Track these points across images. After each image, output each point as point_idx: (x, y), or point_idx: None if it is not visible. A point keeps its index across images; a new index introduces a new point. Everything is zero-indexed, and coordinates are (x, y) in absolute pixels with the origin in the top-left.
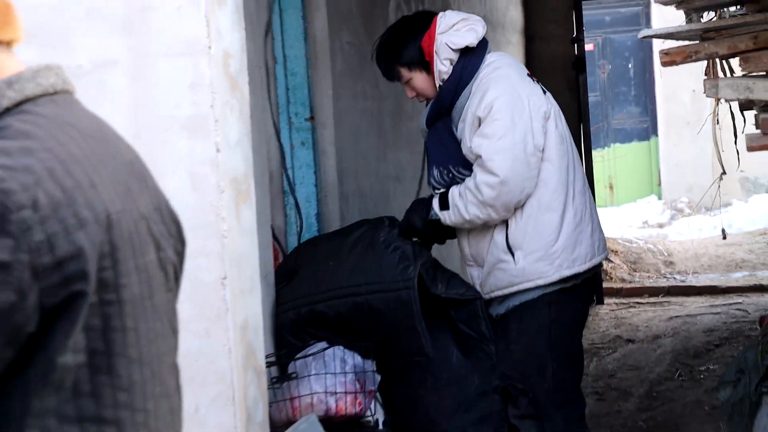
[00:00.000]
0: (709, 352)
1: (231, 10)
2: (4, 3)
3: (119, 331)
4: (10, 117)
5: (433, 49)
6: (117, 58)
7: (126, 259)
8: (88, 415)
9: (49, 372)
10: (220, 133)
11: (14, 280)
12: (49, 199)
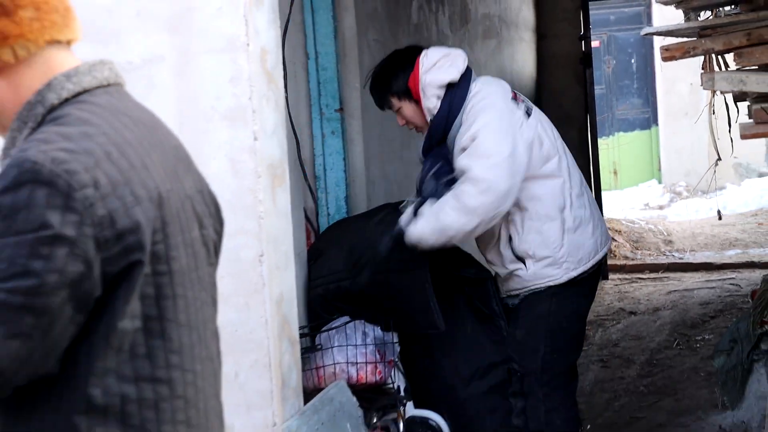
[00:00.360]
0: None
1: (267, 10)
2: (65, 7)
3: (170, 298)
4: (69, 106)
5: (419, 88)
6: (163, 54)
7: (175, 234)
8: (143, 375)
9: (111, 336)
10: (257, 123)
11: (81, 252)
12: (108, 178)
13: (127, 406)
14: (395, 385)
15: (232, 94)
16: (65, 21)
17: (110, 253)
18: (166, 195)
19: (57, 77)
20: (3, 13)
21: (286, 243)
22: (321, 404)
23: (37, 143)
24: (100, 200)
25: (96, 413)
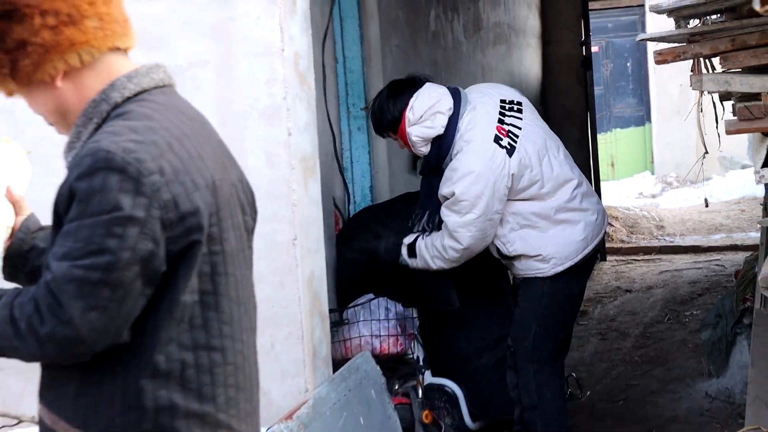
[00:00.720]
0: (692, 300)
1: (300, 18)
2: (124, 18)
3: (223, 275)
4: (131, 104)
5: (407, 141)
6: (207, 58)
7: (226, 218)
8: (200, 344)
9: (174, 308)
10: (291, 120)
11: (150, 231)
12: (171, 166)
13: (186, 371)
14: (415, 355)
15: (269, 95)
16: (124, 30)
17: (174, 233)
18: (219, 183)
19: (119, 78)
20: (71, 22)
21: (316, 228)
22: (348, 373)
23: (108, 135)
24: (165, 186)
25: (159, 378)
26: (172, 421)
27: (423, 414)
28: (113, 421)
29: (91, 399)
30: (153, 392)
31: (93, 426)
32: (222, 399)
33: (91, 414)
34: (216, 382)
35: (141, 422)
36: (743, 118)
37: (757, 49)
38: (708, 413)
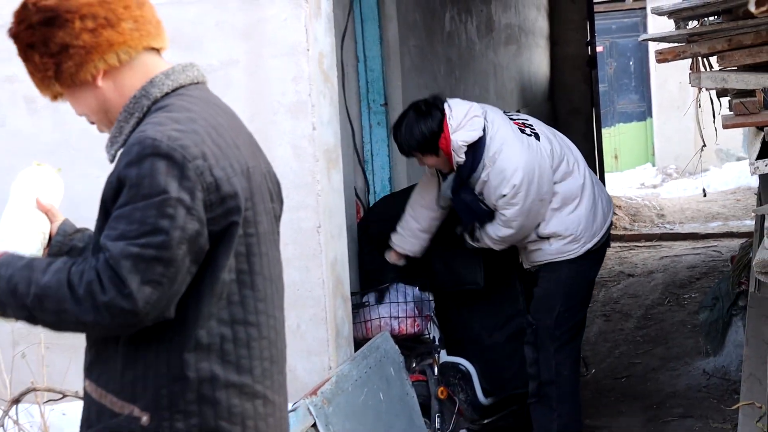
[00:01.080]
0: (691, 284)
1: (324, 20)
2: (157, 20)
3: (257, 256)
4: (170, 98)
5: (450, 149)
6: (238, 58)
7: (259, 202)
8: (238, 319)
9: (215, 286)
10: (315, 115)
11: (196, 212)
12: (212, 152)
13: (225, 344)
14: (431, 335)
15: (295, 91)
16: (157, 31)
17: (215, 214)
18: (252, 170)
19: (157, 76)
20: (108, 25)
21: (339, 216)
22: (369, 351)
23: (152, 125)
24: (208, 170)
25: (201, 351)
26: (214, 392)
27: (438, 390)
28: (159, 392)
29: (138, 373)
30: (195, 364)
31: (141, 398)
32: (258, 371)
33: (138, 386)
34: (253, 356)
35: (185, 392)
36: (739, 113)
37: (752, 48)
38: (705, 389)
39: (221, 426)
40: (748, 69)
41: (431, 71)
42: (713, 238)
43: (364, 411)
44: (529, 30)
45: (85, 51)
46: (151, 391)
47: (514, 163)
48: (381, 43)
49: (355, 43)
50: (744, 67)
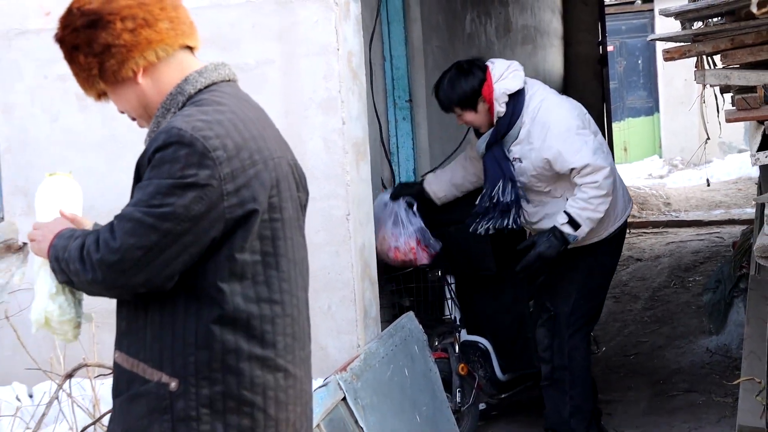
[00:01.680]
0: (695, 268)
1: (353, 22)
2: (190, 21)
3: (282, 239)
4: (203, 94)
5: (493, 97)
6: (273, 58)
7: (284, 190)
8: (263, 297)
9: (232, 265)
10: (345, 110)
11: (206, 198)
12: (234, 144)
13: (251, 320)
14: (452, 316)
15: (325, 88)
16: (191, 31)
17: (230, 202)
18: (278, 161)
19: (192, 74)
20: (146, 24)
21: (367, 204)
22: (395, 330)
23: (181, 117)
24: (227, 161)
25: (227, 325)
26: (238, 363)
27: (459, 367)
28: (187, 359)
29: (166, 342)
30: (221, 336)
31: (169, 365)
32: (281, 346)
33: (167, 355)
34: (276, 331)
35: (211, 362)
36: (741, 108)
37: (754, 47)
38: (708, 366)
39: (243, 395)
40: (749, 67)
41: None
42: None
43: (390, 386)
44: (544, 31)
45: (126, 49)
46: (179, 359)
47: (556, 114)
48: (406, 43)
49: (382, 43)
50: (746, 65)
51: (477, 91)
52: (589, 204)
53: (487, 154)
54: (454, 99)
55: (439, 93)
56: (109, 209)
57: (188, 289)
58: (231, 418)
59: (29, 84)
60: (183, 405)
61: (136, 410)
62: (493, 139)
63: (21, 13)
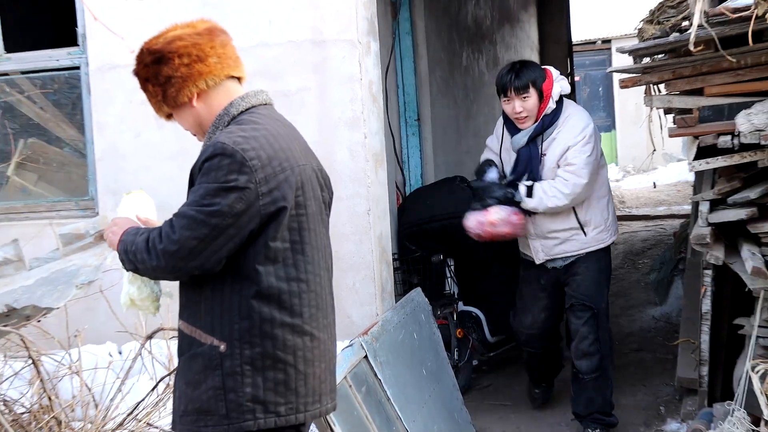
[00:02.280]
0: (644, 252)
1: (373, 57)
2: (236, 56)
3: (306, 230)
4: (243, 115)
5: (551, 92)
6: (309, 86)
7: (308, 191)
8: (292, 277)
9: (267, 251)
10: (366, 127)
11: (245, 198)
12: (266, 155)
13: (282, 295)
14: (452, 291)
15: (351, 110)
16: (236, 64)
17: (264, 201)
18: (303, 167)
19: (236, 99)
20: (199, 60)
21: (384, 202)
22: (406, 302)
23: (224, 133)
24: (261, 168)
25: (264, 299)
26: (272, 329)
27: (457, 331)
28: (233, 327)
29: (216, 314)
30: (259, 309)
31: (219, 332)
32: (307, 315)
33: (217, 324)
34: (302, 304)
35: (251, 329)
36: (681, 126)
37: (690, 78)
38: (654, 330)
39: (278, 354)
40: (687, 93)
41: (452, 95)
42: (660, 218)
43: (402, 346)
44: None
45: (182, 79)
46: (226, 327)
47: (584, 122)
48: (415, 74)
49: (395, 74)
50: (684, 92)
51: (544, 78)
52: (550, 190)
53: (523, 149)
54: (533, 79)
55: (519, 73)
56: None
57: (232, 271)
58: (268, 373)
59: (118, 108)
60: (230, 363)
61: (194, 366)
62: (536, 133)
63: (111, 52)
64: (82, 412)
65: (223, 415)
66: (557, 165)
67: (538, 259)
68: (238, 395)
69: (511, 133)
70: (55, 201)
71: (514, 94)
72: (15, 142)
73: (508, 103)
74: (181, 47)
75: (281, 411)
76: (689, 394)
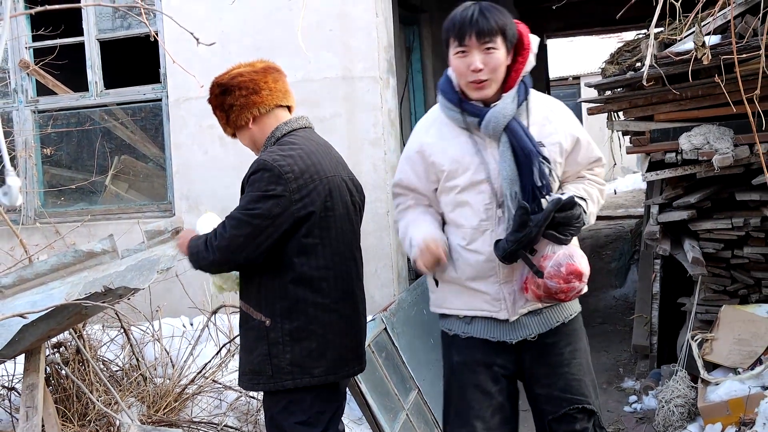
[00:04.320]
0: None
1: (391, 90)
2: (286, 89)
3: (334, 229)
4: (285, 137)
5: (530, 44)
6: (341, 112)
7: (336, 197)
8: (321, 266)
9: (299, 245)
10: (386, 146)
11: (282, 204)
12: (299, 169)
13: (313, 281)
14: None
15: (374, 132)
16: (285, 95)
17: (297, 206)
18: (331, 178)
19: (281, 124)
20: (254, 92)
21: None
22: (417, 285)
23: (266, 152)
24: (294, 180)
25: (299, 283)
26: (306, 308)
27: None
28: (275, 306)
29: (262, 294)
30: (294, 291)
31: (264, 309)
32: (334, 295)
33: (263, 302)
34: (329, 287)
35: (290, 307)
36: (635, 145)
37: (643, 107)
38: (614, 307)
39: (310, 328)
40: (640, 119)
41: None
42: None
43: (414, 321)
44: None
45: (240, 107)
46: (270, 306)
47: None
48: (424, 103)
49: (409, 103)
50: (638, 118)
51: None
52: (595, 195)
53: (515, 128)
54: (503, 25)
55: (486, 13)
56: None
57: (274, 262)
58: (304, 343)
59: (191, 130)
60: (274, 335)
61: (249, 336)
62: (523, 98)
63: (186, 87)
64: (162, 370)
65: (269, 375)
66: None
67: (514, 312)
68: (280, 360)
69: (472, 112)
70: (142, 204)
71: (475, 40)
72: (111, 159)
73: (463, 56)
74: (241, 82)
75: (315, 373)
76: (642, 358)
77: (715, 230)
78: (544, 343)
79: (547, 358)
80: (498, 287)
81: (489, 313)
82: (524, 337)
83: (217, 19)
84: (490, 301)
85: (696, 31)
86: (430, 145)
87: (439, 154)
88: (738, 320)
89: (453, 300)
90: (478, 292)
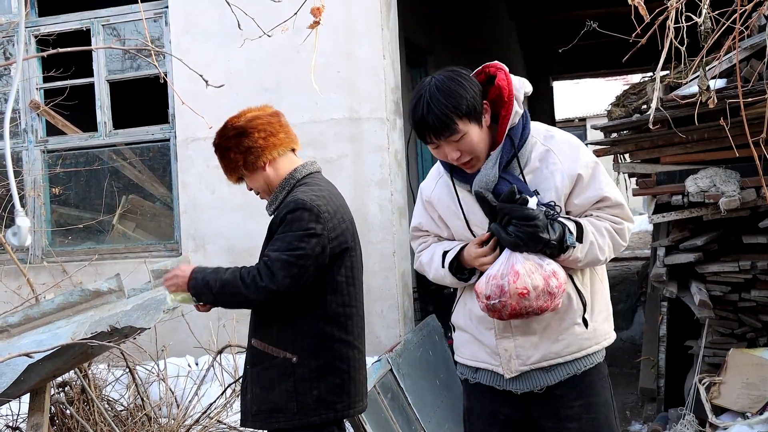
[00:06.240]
0: (614, 287)
1: (398, 131)
2: (293, 133)
3: (356, 268)
4: (306, 179)
5: (512, 89)
6: (347, 153)
7: (355, 238)
8: (346, 303)
9: (332, 284)
10: (392, 186)
11: (322, 242)
12: (332, 209)
13: (339, 318)
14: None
15: (380, 173)
16: (294, 139)
17: (333, 244)
18: (351, 220)
19: (298, 167)
20: (272, 135)
21: (406, 246)
22: (423, 326)
23: (300, 192)
24: (330, 219)
25: (327, 321)
26: (333, 345)
27: None
28: (303, 344)
29: (288, 334)
30: (323, 329)
31: (291, 347)
32: (356, 333)
33: (289, 342)
34: (354, 325)
35: (318, 345)
36: (642, 187)
37: (649, 149)
38: (621, 349)
39: (336, 364)
40: (646, 161)
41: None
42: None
43: (420, 362)
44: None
45: (260, 149)
46: (298, 344)
47: (571, 135)
48: None
49: (415, 144)
50: (644, 160)
51: (483, 94)
52: (603, 231)
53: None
54: (454, 105)
55: (430, 106)
56: (245, 247)
57: (303, 300)
58: (329, 378)
59: (198, 170)
60: (300, 371)
61: (270, 374)
62: (508, 156)
63: (194, 128)
64: (167, 410)
65: (294, 412)
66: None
67: (510, 371)
68: (306, 397)
69: (464, 181)
70: (148, 243)
71: (435, 138)
72: (119, 198)
73: (437, 150)
74: (260, 125)
75: (338, 408)
76: (650, 401)
77: (722, 273)
78: (553, 395)
79: (556, 411)
80: (495, 342)
81: (491, 366)
82: (530, 389)
83: (225, 60)
84: (491, 354)
85: (701, 75)
86: (435, 200)
87: (443, 209)
88: (746, 364)
89: (462, 349)
90: (482, 344)
